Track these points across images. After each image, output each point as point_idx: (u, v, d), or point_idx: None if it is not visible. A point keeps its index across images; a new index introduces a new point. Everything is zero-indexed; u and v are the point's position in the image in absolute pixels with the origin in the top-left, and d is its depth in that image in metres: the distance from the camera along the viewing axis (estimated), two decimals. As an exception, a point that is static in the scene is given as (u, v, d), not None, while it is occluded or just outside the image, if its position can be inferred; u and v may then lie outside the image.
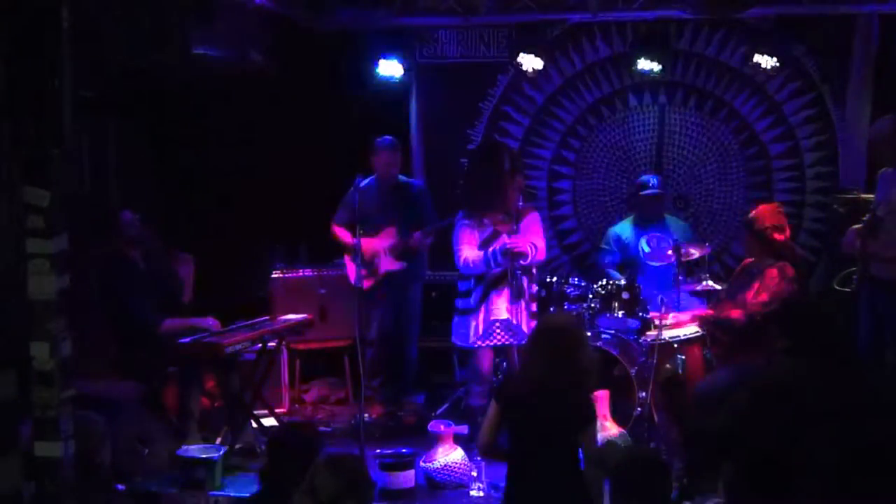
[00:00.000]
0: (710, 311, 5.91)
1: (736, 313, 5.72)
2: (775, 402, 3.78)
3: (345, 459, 3.43)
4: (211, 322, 6.37)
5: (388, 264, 7.00)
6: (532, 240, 6.01)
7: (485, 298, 6.00)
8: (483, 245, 5.99)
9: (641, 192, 6.90)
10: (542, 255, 6.07)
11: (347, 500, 3.22)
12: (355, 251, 6.15)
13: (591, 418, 4.37)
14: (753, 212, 6.00)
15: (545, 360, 4.36)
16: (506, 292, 5.99)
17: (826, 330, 3.97)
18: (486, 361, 6.08)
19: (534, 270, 6.16)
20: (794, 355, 3.96)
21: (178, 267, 6.59)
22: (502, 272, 5.96)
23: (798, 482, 3.65)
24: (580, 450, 4.31)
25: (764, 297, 5.69)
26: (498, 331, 6.01)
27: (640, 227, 6.98)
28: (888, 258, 5.77)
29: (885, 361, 5.88)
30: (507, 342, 6.03)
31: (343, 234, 7.04)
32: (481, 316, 6.00)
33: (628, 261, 6.93)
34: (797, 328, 4.00)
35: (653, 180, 6.94)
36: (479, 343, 6.00)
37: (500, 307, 5.98)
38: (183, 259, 6.65)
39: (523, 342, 5.87)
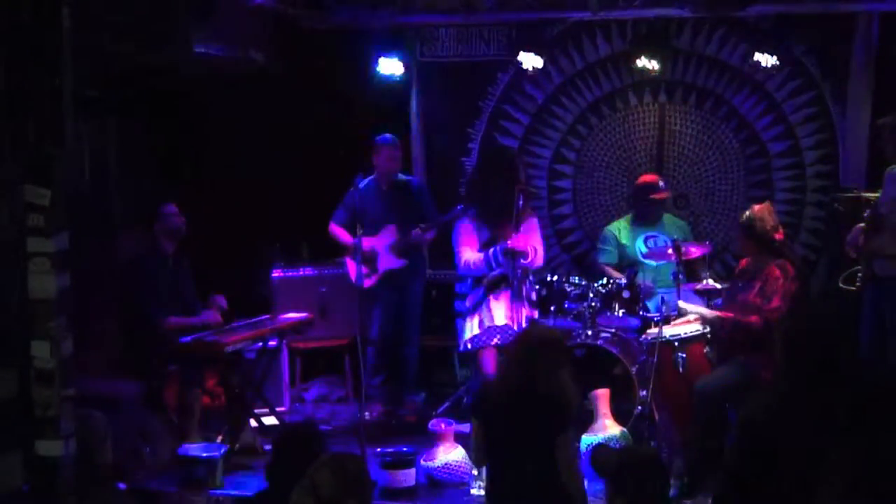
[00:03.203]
0: (730, 314, 5.88)
1: (754, 318, 5.71)
2: (766, 432, 3.78)
3: (345, 458, 3.42)
4: (211, 317, 6.39)
5: (388, 262, 7.01)
6: (531, 243, 6.00)
7: (482, 303, 5.99)
8: (483, 247, 5.98)
9: (651, 195, 6.88)
10: (540, 261, 6.06)
11: (347, 500, 3.22)
12: (355, 250, 6.16)
13: (564, 426, 4.43)
14: (750, 213, 5.94)
15: (524, 369, 4.42)
16: (504, 298, 5.96)
17: (823, 350, 3.93)
18: (489, 363, 6.06)
19: (531, 276, 6.14)
20: (789, 374, 3.94)
21: (209, 308, 6.60)
22: (500, 277, 5.95)
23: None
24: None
25: (776, 301, 5.67)
26: (497, 335, 5.99)
27: (638, 227, 6.98)
28: (892, 256, 5.76)
29: (888, 360, 5.87)
30: (507, 341, 6.01)
31: (341, 234, 7.05)
32: (478, 320, 5.98)
33: (625, 260, 6.92)
34: (793, 349, 3.97)
35: (661, 182, 6.93)
36: (478, 344, 5.99)
37: (499, 313, 5.95)
38: (214, 302, 6.65)
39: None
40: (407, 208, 7.08)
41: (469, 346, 6.02)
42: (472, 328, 5.99)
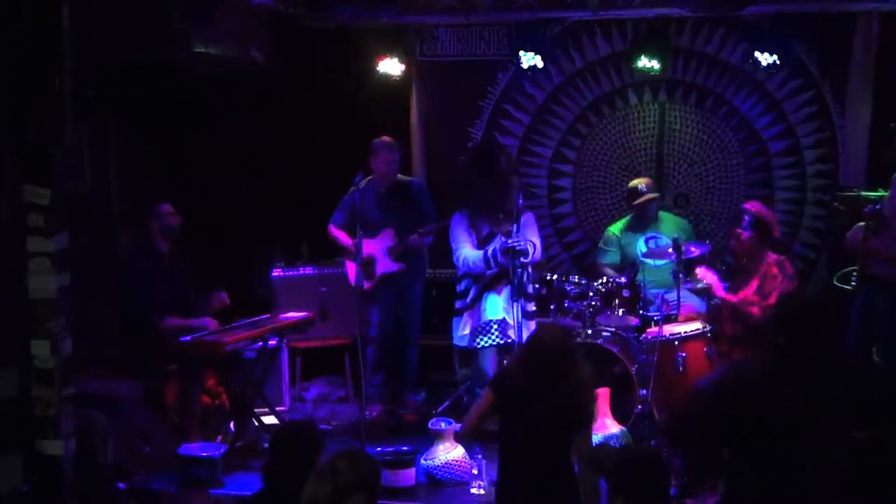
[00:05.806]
0: (734, 298, 5.90)
1: (755, 310, 5.73)
2: (754, 388, 3.83)
3: (362, 455, 3.65)
4: (208, 322, 6.41)
5: (385, 266, 6.99)
6: (530, 238, 6.02)
7: (480, 297, 6.00)
8: (481, 245, 5.98)
9: (633, 202, 6.90)
10: (539, 255, 6.09)
11: (359, 492, 3.31)
12: (352, 253, 6.16)
13: (586, 422, 4.45)
14: (756, 211, 5.96)
15: (540, 376, 4.41)
16: (502, 292, 5.98)
17: (818, 328, 3.95)
18: (490, 363, 6.06)
19: (529, 269, 6.15)
20: (788, 351, 3.96)
21: (210, 300, 6.62)
22: (499, 273, 5.95)
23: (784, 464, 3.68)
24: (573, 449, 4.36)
25: (774, 298, 5.69)
26: (495, 330, 6.00)
27: (638, 227, 6.98)
28: (890, 257, 5.76)
29: (871, 360, 5.89)
30: (506, 340, 6.01)
31: (341, 236, 7.02)
32: (477, 314, 5.99)
33: (627, 260, 6.93)
34: (791, 326, 3.99)
35: (641, 186, 6.92)
36: (477, 343, 5.99)
37: (496, 307, 5.96)
38: (216, 297, 6.67)
39: (522, 341, 5.88)
40: (405, 211, 7.05)
41: (466, 341, 6.03)
42: (466, 324, 6.01)
